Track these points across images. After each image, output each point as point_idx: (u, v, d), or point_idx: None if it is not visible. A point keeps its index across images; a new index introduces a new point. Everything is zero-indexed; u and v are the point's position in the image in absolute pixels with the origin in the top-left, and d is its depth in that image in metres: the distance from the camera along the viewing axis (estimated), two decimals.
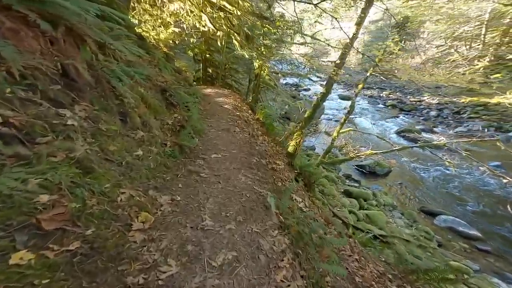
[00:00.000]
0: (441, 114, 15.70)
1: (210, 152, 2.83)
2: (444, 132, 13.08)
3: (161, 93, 2.80)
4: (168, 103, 2.85)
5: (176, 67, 5.47)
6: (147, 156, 1.91)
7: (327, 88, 4.03)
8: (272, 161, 3.55)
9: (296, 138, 4.20)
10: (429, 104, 17.97)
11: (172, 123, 2.58)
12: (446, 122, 14.51)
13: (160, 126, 2.39)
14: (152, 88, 2.61)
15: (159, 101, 2.57)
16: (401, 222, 6.04)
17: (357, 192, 6.76)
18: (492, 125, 12.88)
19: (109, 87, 1.66)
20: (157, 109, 2.44)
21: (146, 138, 1.98)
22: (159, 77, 3.07)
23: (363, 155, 4.31)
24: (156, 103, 2.42)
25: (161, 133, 2.28)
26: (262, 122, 6.28)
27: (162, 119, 2.50)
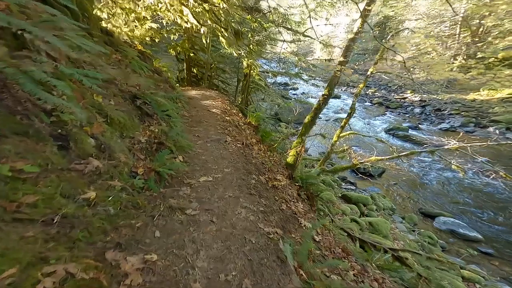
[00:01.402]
0: (424, 111, 16.18)
1: (199, 174, 2.24)
2: (428, 129, 13.42)
3: (131, 101, 2.16)
4: (141, 114, 2.22)
5: (154, 68, 4.76)
6: (104, 198, 1.30)
7: (330, 89, 3.61)
8: (272, 176, 3.03)
9: (296, 146, 3.73)
10: (412, 101, 18.53)
11: (147, 141, 1.97)
12: (430, 119, 14.94)
13: (128, 147, 1.77)
14: (117, 95, 1.97)
15: (127, 112, 1.94)
16: (403, 227, 5.82)
17: (356, 197, 6.47)
18: (471, 121, 13.43)
19: (31, 99, 1.04)
20: (124, 124, 1.81)
21: (104, 169, 1.37)
22: (130, 81, 2.43)
23: (367, 162, 3.96)
24: (122, 116, 1.80)
25: (130, 158, 1.67)
26: (255, 126, 5.75)
27: (132, 136, 1.88)
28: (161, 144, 2.10)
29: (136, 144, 1.85)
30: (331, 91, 3.64)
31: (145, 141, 1.94)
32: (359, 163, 3.96)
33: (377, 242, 3.99)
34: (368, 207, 6.39)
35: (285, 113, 13.80)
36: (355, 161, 3.95)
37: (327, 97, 3.63)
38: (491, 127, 12.54)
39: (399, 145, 9.88)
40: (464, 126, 12.86)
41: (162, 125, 2.44)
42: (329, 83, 3.68)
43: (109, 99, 1.80)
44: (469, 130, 12.35)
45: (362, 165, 3.96)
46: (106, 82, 1.92)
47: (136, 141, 1.87)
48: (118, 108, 1.84)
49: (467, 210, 6.38)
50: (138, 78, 2.64)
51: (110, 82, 2.00)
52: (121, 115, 1.79)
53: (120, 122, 1.73)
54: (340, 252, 2.23)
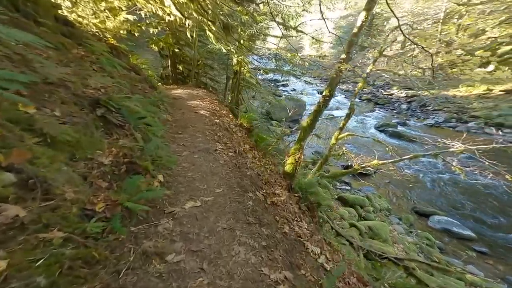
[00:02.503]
0: (410, 107, 16.54)
1: (184, 198, 1.81)
2: (415, 125, 13.67)
3: (91, 109, 1.67)
4: (106, 125, 1.74)
5: (131, 65, 4.18)
6: (27, 264, 0.86)
7: (331, 89, 3.27)
8: (271, 190, 2.65)
9: (294, 153, 3.37)
10: (399, 97, 18.90)
11: (113, 162, 1.50)
12: (416, 114, 15.27)
13: (82, 174, 1.30)
14: (68, 102, 1.47)
15: (83, 125, 1.46)
16: (401, 228, 5.71)
17: (352, 199, 6.29)
18: (453, 116, 13.85)
19: None
20: (77, 142, 1.34)
21: (32, 217, 0.92)
22: (92, 82, 1.92)
23: (369, 167, 3.71)
24: (73, 131, 1.32)
25: (83, 191, 1.20)
26: (247, 128, 5.33)
27: (90, 157, 1.40)
28: (132, 164, 1.64)
29: (96, 168, 1.38)
30: (332, 92, 3.30)
31: (109, 163, 1.47)
32: (360, 168, 3.70)
33: (381, 252, 3.77)
34: (365, 209, 6.24)
35: (276, 111, 13.47)
36: (355, 165, 3.69)
37: (328, 98, 3.29)
38: (471, 122, 12.98)
39: (391, 142, 9.88)
40: (447, 122, 13.23)
41: (136, 137, 1.96)
42: (330, 83, 3.33)
43: (52, 109, 1.31)
44: (452, 126, 12.72)
45: (363, 169, 3.71)
46: (50, 85, 1.42)
47: (95, 164, 1.39)
48: (68, 121, 1.35)
49: (459, 208, 6.41)
50: (103, 79, 2.13)
51: (58, 85, 1.50)
52: (70, 130, 1.30)
53: (68, 140, 1.25)
54: (355, 283, 1.91)
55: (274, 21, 6.17)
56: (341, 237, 4.35)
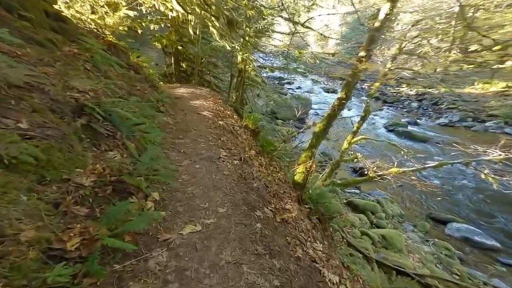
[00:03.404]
0: (421, 105, 15.89)
1: (182, 221, 1.55)
2: (427, 124, 13.09)
3: (74, 117, 1.42)
4: (92, 136, 1.49)
5: (131, 63, 3.93)
6: None
7: (347, 91, 2.94)
8: (280, 205, 2.38)
9: (305, 161, 3.07)
10: (409, 95, 18.21)
11: (95, 182, 1.25)
12: (428, 113, 14.65)
13: (53, 201, 1.05)
14: (41, 110, 1.22)
15: (60, 138, 1.20)
16: (416, 236, 5.36)
17: (363, 204, 5.95)
18: (469, 115, 13.19)
19: None
20: (49, 161, 1.09)
21: None
22: (79, 84, 1.67)
23: (388, 175, 3.37)
24: (43, 148, 1.07)
25: (47, 227, 0.96)
26: (252, 130, 5.05)
27: (67, 179, 1.15)
28: (120, 184, 1.38)
29: (73, 192, 1.13)
30: (348, 94, 2.97)
31: (91, 184, 1.22)
32: (376, 176, 3.37)
33: (398, 266, 3.46)
34: (377, 215, 5.91)
35: (282, 110, 13.12)
36: (371, 173, 3.36)
37: (344, 101, 2.96)
38: (489, 121, 12.33)
39: (400, 142, 9.42)
40: (462, 121, 12.61)
41: (129, 148, 1.71)
42: (346, 84, 2.99)
43: (18, 121, 1.06)
44: (468, 125, 12.10)
45: (380, 178, 3.38)
46: (19, 90, 1.18)
47: (72, 186, 1.14)
48: (38, 135, 1.10)
49: (481, 215, 5.99)
50: (94, 80, 1.88)
51: (30, 89, 1.25)
52: (37, 147, 1.05)
53: (37, 160, 1.00)
54: None
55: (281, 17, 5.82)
56: (353, 247, 4.06)
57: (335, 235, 4.15)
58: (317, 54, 4.63)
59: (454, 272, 4.29)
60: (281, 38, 8.87)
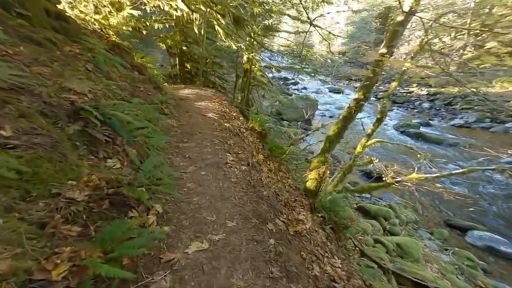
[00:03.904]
0: (433, 105, 15.35)
1: (187, 237, 1.39)
2: (441, 125, 12.60)
3: (69, 121, 1.28)
4: (91, 142, 1.34)
5: (135, 64, 3.83)
6: None
7: (365, 91, 2.71)
8: (292, 216, 2.19)
9: (318, 166, 2.86)
10: (420, 95, 17.65)
11: (90, 196, 1.10)
12: (440, 114, 14.11)
13: (39, 220, 0.90)
14: (30, 115, 1.08)
15: (48, 147, 1.06)
16: (433, 245, 5.05)
17: (375, 209, 5.68)
18: (486, 116, 12.61)
19: None
20: (36, 174, 0.94)
21: None
22: (77, 86, 1.53)
23: (407, 181, 3.13)
24: (18, 161, 0.92)
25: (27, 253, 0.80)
26: (259, 132, 4.88)
27: (57, 193, 1.01)
28: (119, 196, 1.23)
29: (63, 208, 0.98)
30: (367, 94, 2.75)
31: (85, 198, 1.07)
32: (394, 183, 3.12)
33: (418, 279, 3.20)
34: (390, 221, 5.62)
35: (288, 111, 12.91)
36: (388, 179, 3.12)
37: (362, 102, 2.74)
38: (510, 122, 11.71)
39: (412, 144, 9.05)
40: (479, 122, 12.04)
41: (130, 155, 1.56)
42: (365, 84, 2.77)
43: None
44: (485, 126, 11.55)
45: (398, 184, 3.13)
46: (3, 91, 1.04)
47: (62, 202, 1.00)
48: (23, 143, 0.96)
49: (505, 222, 5.61)
50: (87, 82, 1.74)
51: (19, 91, 1.12)
52: (19, 158, 0.91)
53: (20, 173, 0.86)
54: None
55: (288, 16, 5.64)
56: (367, 257, 3.81)
57: (347, 243, 3.92)
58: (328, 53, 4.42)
59: (478, 285, 3.99)
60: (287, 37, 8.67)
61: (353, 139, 7.10)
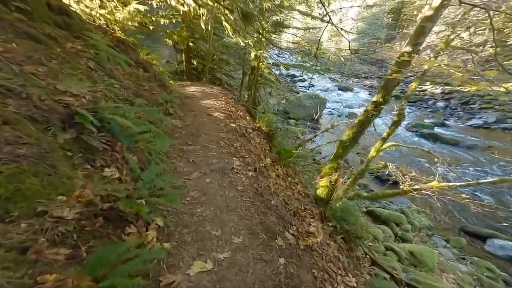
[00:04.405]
0: (449, 105, 14.65)
1: (189, 255, 1.27)
2: (457, 125, 12.01)
3: (63, 127, 1.16)
4: (87, 149, 1.23)
5: (140, 61, 3.72)
6: None
7: (385, 93, 2.46)
8: (302, 227, 2.03)
9: (329, 173, 2.67)
10: (433, 94, 16.88)
11: (82, 214, 0.98)
12: (456, 114, 13.45)
13: (18, 245, 0.79)
14: (13, 122, 0.97)
15: (34, 159, 0.94)
16: (449, 253, 4.79)
17: (386, 214, 5.45)
18: (508, 116, 11.88)
19: None
20: (16, 191, 0.83)
21: None
22: (75, 87, 1.42)
23: (427, 189, 2.89)
24: (10, 173, 0.80)
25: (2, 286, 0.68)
26: (266, 133, 4.72)
27: (41, 212, 0.89)
28: (115, 211, 1.11)
29: (49, 229, 0.87)
30: (387, 97, 2.50)
31: (76, 216, 0.96)
32: (412, 191, 2.89)
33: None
34: (402, 227, 5.38)
35: (294, 109, 12.64)
36: (405, 187, 2.89)
37: (381, 105, 2.51)
38: None
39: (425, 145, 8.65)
40: (499, 122, 11.35)
41: (130, 162, 1.44)
42: (385, 85, 2.52)
43: None
44: (507, 127, 10.88)
45: (416, 192, 2.90)
46: None
47: (49, 221, 0.88)
48: (4, 156, 0.84)
49: None
50: (86, 82, 1.63)
51: (4, 93, 1.00)
52: None
53: None
54: None
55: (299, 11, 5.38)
56: (378, 266, 3.63)
57: (357, 250, 3.74)
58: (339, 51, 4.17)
59: None
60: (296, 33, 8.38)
61: (362, 139, 6.80)
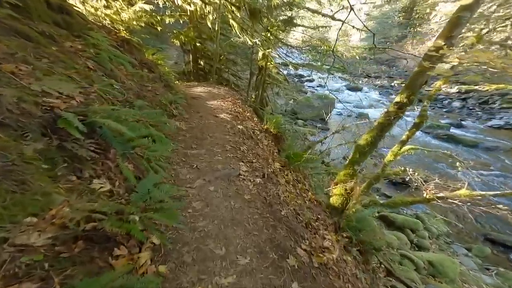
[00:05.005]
0: (465, 105, 13.90)
1: (188, 280, 1.10)
2: (475, 126, 11.34)
3: (47, 132, 1.03)
4: (73, 158, 1.09)
5: (145, 61, 3.62)
6: None
7: (411, 93, 2.19)
8: (316, 241, 1.83)
9: (344, 180, 2.43)
10: (448, 93, 16.10)
11: (57, 238, 0.83)
12: (474, 114, 12.73)
13: None
14: None
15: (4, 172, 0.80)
16: (471, 263, 4.42)
17: (401, 220, 5.13)
18: None
19: None
20: None
21: None
22: (65, 88, 1.28)
23: (453, 198, 2.60)
24: None
25: None
26: (274, 135, 4.53)
27: (5, 238, 0.74)
28: (101, 231, 0.96)
29: (8, 262, 0.72)
30: (412, 97, 2.23)
31: (47, 242, 0.80)
32: (436, 199, 2.60)
33: None
34: (418, 233, 5.05)
35: (303, 109, 12.37)
36: (429, 195, 2.61)
37: (405, 106, 2.25)
38: None
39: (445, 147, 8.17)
40: None
41: (124, 172, 1.29)
42: (409, 84, 2.26)
43: None
44: None
45: (442, 201, 2.62)
46: None
47: (7, 253, 0.73)
48: None
49: None
50: (75, 83, 1.49)
51: None
52: None
53: None
54: None
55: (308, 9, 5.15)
56: (394, 277, 3.35)
57: (371, 259, 3.48)
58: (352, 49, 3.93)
59: None
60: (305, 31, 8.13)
61: None
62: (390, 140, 3.55)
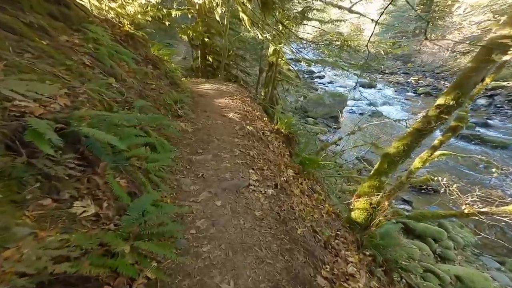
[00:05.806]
0: (492, 102, 12.85)
1: None
2: (503, 125, 10.45)
3: (12, 144, 0.83)
4: (47, 175, 0.89)
5: (150, 57, 3.43)
6: None
7: (459, 93, 1.80)
8: (338, 266, 1.57)
9: (369, 193, 2.11)
10: None
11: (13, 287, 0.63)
12: (503, 112, 11.73)
13: None
14: None
15: None
16: (505, 278, 3.98)
17: (422, 228, 4.73)
18: None
19: None
20: None
21: None
22: (48, 89, 1.08)
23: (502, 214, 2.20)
24: None
25: None
26: (285, 135, 4.24)
27: None
28: (74, 274, 0.75)
29: None
30: (461, 99, 1.85)
31: None
32: (477, 213, 2.24)
33: None
34: (442, 243, 4.64)
35: (313, 107, 11.92)
36: (467, 209, 2.26)
37: (452, 109, 1.89)
38: None
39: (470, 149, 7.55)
40: None
41: (114, 189, 1.08)
42: (460, 82, 1.86)
43: None
44: None
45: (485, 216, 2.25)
46: None
47: None
48: None
49: None
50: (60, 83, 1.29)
51: None
52: None
53: None
54: None
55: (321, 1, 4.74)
56: None
57: None
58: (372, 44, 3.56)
59: None
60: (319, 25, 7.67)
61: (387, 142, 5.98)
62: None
